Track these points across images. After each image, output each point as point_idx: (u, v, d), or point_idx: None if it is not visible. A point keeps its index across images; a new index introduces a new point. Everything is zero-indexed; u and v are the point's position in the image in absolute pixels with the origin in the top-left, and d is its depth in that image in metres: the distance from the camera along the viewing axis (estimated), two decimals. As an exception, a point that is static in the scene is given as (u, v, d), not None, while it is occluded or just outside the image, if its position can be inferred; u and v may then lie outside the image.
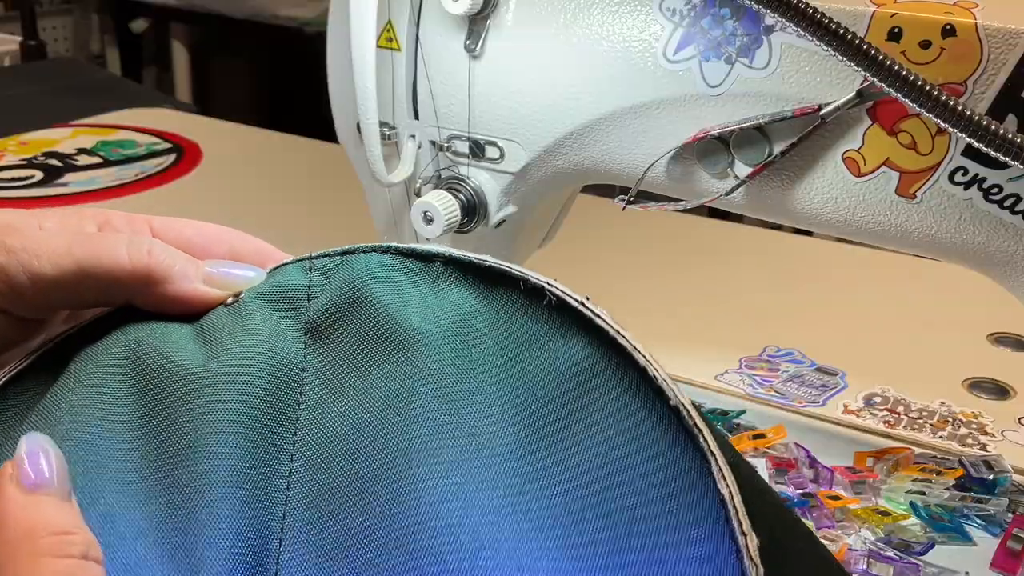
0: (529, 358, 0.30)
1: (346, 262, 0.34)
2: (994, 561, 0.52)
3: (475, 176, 0.57)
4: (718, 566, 0.25)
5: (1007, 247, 0.46)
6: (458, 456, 0.28)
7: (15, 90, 1.48)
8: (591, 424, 0.28)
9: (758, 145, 0.49)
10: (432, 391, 0.30)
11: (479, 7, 0.53)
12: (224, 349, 0.32)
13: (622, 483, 0.27)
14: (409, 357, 0.31)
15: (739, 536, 0.25)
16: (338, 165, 0.75)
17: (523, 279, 0.31)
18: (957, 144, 0.45)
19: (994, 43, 0.42)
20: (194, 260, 0.34)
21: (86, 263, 0.32)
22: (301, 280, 0.34)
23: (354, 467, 0.29)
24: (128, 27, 2.68)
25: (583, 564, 0.26)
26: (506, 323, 0.31)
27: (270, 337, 0.32)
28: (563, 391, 0.29)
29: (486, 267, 0.32)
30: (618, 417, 0.28)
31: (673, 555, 0.26)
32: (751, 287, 0.87)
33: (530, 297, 0.31)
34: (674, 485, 0.27)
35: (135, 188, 1.05)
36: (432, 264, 0.33)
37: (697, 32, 0.49)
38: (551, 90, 0.53)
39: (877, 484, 0.58)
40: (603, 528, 0.27)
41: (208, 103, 2.58)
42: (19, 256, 0.32)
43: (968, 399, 0.69)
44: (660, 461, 0.27)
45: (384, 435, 0.29)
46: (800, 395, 0.68)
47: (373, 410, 0.30)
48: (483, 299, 0.32)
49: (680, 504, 0.27)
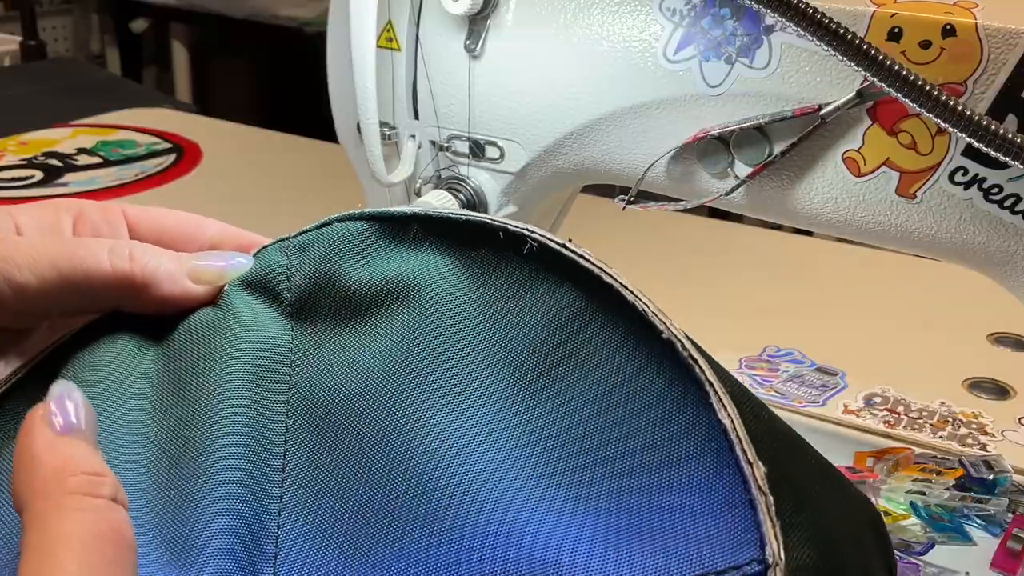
0: (515, 309, 0.30)
1: (320, 235, 0.33)
2: (994, 561, 0.52)
3: (475, 176, 0.57)
4: (725, 498, 0.25)
5: (1007, 247, 0.46)
6: (452, 417, 0.28)
7: (15, 90, 1.48)
8: (583, 368, 0.28)
9: (758, 145, 0.49)
10: (420, 355, 0.29)
11: (479, 7, 0.53)
12: (212, 345, 0.32)
13: (619, 425, 0.27)
14: (393, 324, 0.30)
15: (744, 465, 0.25)
16: (338, 165, 0.75)
17: (501, 229, 0.30)
18: (957, 144, 0.45)
19: (994, 43, 0.42)
20: (178, 257, 0.33)
21: (68, 272, 0.32)
22: (279, 261, 0.33)
23: (347, 441, 0.29)
24: (128, 27, 2.68)
25: (586, 510, 0.26)
26: (490, 276, 0.30)
27: (255, 324, 0.32)
28: (552, 338, 0.29)
29: (463, 221, 0.31)
30: (609, 358, 0.28)
31: (678, 491, 0.25)
32: (751, 287, 0.87)
33: (511, 246, 0.30)
34: (672, 420, 0.26)
35: (135, 188, 1.05)
36: (409, 227, 0.32)
37: (697, 32, 0.49)
38: (551, 90, 0.53)
39: (877, 484, 0.58)
40: (603, 472, 0.26)
41: (208, 103, 2.58)
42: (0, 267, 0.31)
43: (968, 399, 0.69)
44: (656, 397, 0.27)
45: (374, 405, 0.29)
46: (800, 395, 0.68)
47: (361, 382, 0.30)
48: (464, 255, 0.31)
49: (680, 439, 0.26)
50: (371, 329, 0.31)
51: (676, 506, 0.25)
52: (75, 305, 0.33)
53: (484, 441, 0.28)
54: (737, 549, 0.24)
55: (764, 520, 0.24)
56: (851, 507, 0.30)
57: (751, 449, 0.25)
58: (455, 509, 0.26)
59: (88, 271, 0.32)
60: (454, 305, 0.30)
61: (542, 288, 0.29)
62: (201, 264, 0.33)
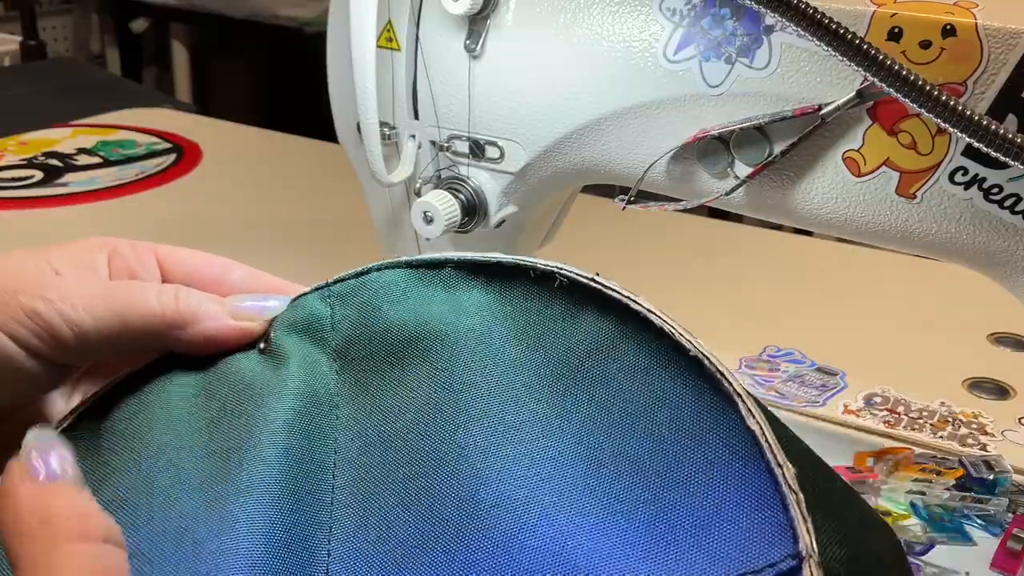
0: (549, 341, 0.31)
1: (362, 284, 0.35)
2: (994, 561, 0.52)
3: (475, 176, 0.57)
4: (758, 499, 0.26)
5: (1007, 247, 0.46)
6: (494, 441, 0.30)
7: (15, 90, 1.48)
8: (615, 390, 0.29)
9: (758, 145, 0.49)
10: (459, 393, 0.31)
11: (479, 7, 0.53)
12: (262, 386, 0.33)
13: (653, 438, 0.28)
14: (433, 366, 0.32)
15: (775, 468, 0.26)
16: (338, 165, 0.75)
17: (532, 268, 0.32)
18: (957, 144, 0.45)
19: (994, 43, 0.42)
20: (219, 299, 0.35)
21: (122, 311, 0.34)
22: (322, 311, 0.35)
23: (393, 473, 0.30)
24: (128, 27, 2.68)
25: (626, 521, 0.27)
26: (522, 313, 0.32)
27: (303, 368, 0.34)
28: (584, 364, 0.30)
29: (494, 263, 0.33)
30: (640, 378, 0.29)
31: (713, 497, 0.27)
32: (751, 287, 0.87)
33: (541, 283, 0.32)
34: (704, 430, 0.28)
35: (135, 188, 1.05)
36: (442, 270, 0.34)
37: (697, 32, 0.49)
38: (551, 90, 0.53)
39: (877, 484, 0.58)
40: (641, 484, 0.28)
41: (208, 103, 2.58)
42: (57, 306, 0.33)
43: (968, 399, 0.69)
44: (687, 411, 0.28)
45: (419, 438, 0.31)
46: (800, 395, 0.68)
47: (405, 417, 0.31)
48: (496, 294, 0.33)
49: (712, 447, 0.27)
50: (412, 367, 0.32)
51: (712, 511, 0.26)
52: (125, 344, 0.34)
53: (526, 461, 0.29)
54: (771, 547, 0.25)
55: (796, 516, 0.25)
56: (874, 529, 0.31)
57: (780, 452, 0.26)
58: (501, 527, 0.28)
59: (139, 310, 0.34)
60: (489, 339, 0.32)
61: (574, 319, 0.31)
62: (240, 306, 0.35)
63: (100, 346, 0.34)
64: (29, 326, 0.33)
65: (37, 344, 0.33)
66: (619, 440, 0.29)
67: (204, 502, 0.30)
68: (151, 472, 0.32)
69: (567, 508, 0.28)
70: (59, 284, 0.34)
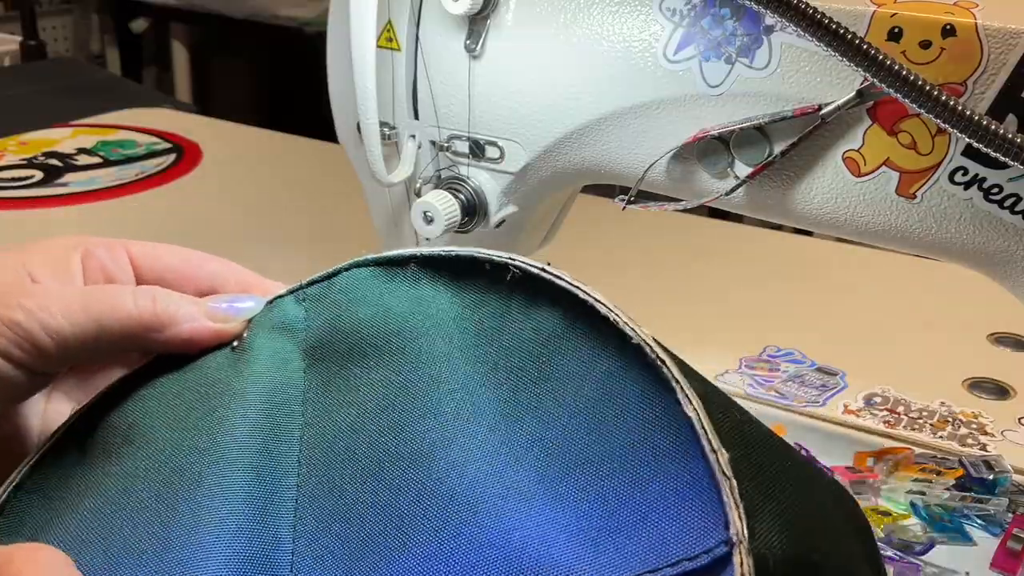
0: (503, 332, 0.32)
1: (332, 285, 0.36)
2: (994, 561, 0.52)
3: (475, 176, 0.57)
4: (693, 487, 0.27)
5: (1007, 247, 0.46)
6: (449, 435, 0.30)
7: (15, 90, 1.48)
8: (564, 380, 0.30)
9: (758, 145, 0.49)
10: (417, 388, 0.32)
11: (479, 7, 0.53)
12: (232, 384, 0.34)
13: (598, 429, 0.29)
14: (395, 362, 0.33)
15: (709, 454, 0.26)
16: (338, 165, 0.75)
17: (487, 260, 0.33)
18: (957, 144, 0.45)
19: (994, 43, 0.42)
20: (196, 300, 0.36)
21: (99, 316, 0.34)
22: (297, 312, 0.36)
23: (354, 466, 0.31)
24: (128, 27, 2.68)
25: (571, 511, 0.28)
26: (480, 305, 0.33)
27: (273, 367, 0.34)
28: (536, 355, 0.31)
29: (453, 257, 0.34)
30: (588, 369, 0.30)
31: (652, 486, 0.27)
32: (751, 287, 0.87)
33: (496, 275, 0.33)
34: (645, 420, 0.28)
35: (135, 188, 1.05)
36: (407, 267, 0.35)
37: (697, 32, 0.49)
38: (551, 90, 0.53)
39: (877, 484, 0.58)
40: (586, 475, 0.28)
41: (208, 103, 2.58)
42: (37, 316, 0.33)
43: (968, 399, 0.69)
44: (630, 401, 0.29)
45: (379, 436, 0.31)
46: (800, 395, 0.68)
47: (367, 418, 0.32)
48: (456, 288, 0.34)
49: (652, 437, 0.28)
50: (376, 365, 0.33)
51: (651, 500, 0.27)
52: (104, 348, 0.35)
53: (479, 455, 0.30)
54: (707, 534, 0.26)
55: (728, 500, 0.26)
56: (836, 512, 0.31)
57: (715, 438, 0.26)
58: (455, 521, 0.29)
59: (117, 314, 0.34)
60: (447, 333, 0.33)
61: (525, 309, 0.32)
62: (216, 306, 0.36)
63: (80, 352, 0.34)
64: (9, 336, 0.33)
65: (18, 354, 0.33)
66: (568, 433, 0.29)
67: (167, 506, 0.31)
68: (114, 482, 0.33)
69: (517, 500, 0.29)
70: (37, 292, 0.34)
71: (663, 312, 0.80)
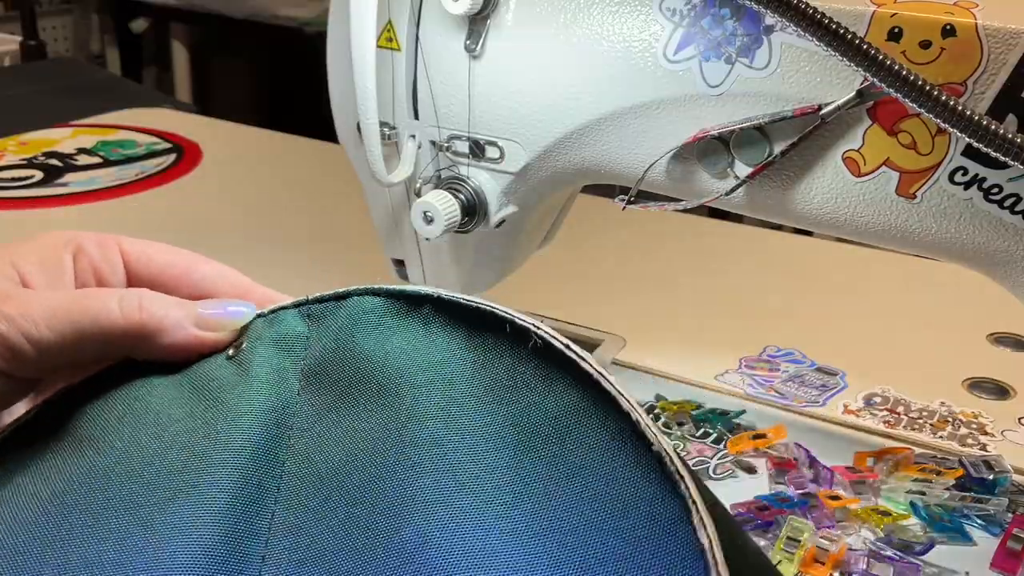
0: (515, 401, 0.30)
1: (339, 307, 0.34)
2: (994, 561, 0.52)
3: (475, 176, 0.57)
4: None
5: (1007, 247, 0.46)
6: (440, 497, 0.29)
7: (15, 90, 1.48)
8: (575, 469, 0.29)
9: (758, 145, 0.49)
10: (417, 434, 0.30)
11: (479, 7, 0.53)
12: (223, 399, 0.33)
13: (606, 532, 0.27)
14: (396, 401, 0.31)
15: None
16: (338, 165, 0.75)
17: (510, 321, 0.31)
18: (957, 144, 0.45)
19: (994, 43, 0.42)
20: (185, 304, 0.35)
21: (82, 325, 0.33)
22: (300, 329, 0.35)
23: (336, 510, 0.30)
24: (128, 27, 2.68)
25: None
26: (493, 365, 0.31)
27: (267, 386, 0.33)
28: (548, 435, 0.29)
29: (474, 308, 0.32)
30: (601, 463, 0.28)
31: None
32: (751, 287, 0.87)
33: (516, 339, 0.31)
34: (656, 535, 0.27)
35: (135, 188, 1.05)
36: (422, 307, 0.33)
37: (697, 32, 0.49)
38: (551, 90, 0.53)
39: (877, 484, 0.58)
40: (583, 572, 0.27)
41: (208, 103, 2.58)
42: (18, 323, 0.33)
43: (968, 399, 0.69)
44: (643, 510, 0.27)
45: (368, 479, 0.30)
46: (800, 395, 0.68)
47: (359, 454, 0.30)
48: (470, 341, 0.32)
49: (661, 555, 0.27)
50: (373, 405, 0.32)
51: None
52: (89, 355, 0.34)
53: (474, 524, 0.28)
54: None
55: None
56: None
57: (725, 571, 0.26)
58: None
59: (101, 322, 0.33)
60: (453, 390, 0.31)
61: (543, 383, 0.30)
62: (206, 312, 0.35)
63: (63, 359, 0.34)
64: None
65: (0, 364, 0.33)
66: (571, 530, 0.28)
67: (140, 525, 0.30)
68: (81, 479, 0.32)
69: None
70: (20, 298, 0.34)
71: (663, 312, 0.80)
